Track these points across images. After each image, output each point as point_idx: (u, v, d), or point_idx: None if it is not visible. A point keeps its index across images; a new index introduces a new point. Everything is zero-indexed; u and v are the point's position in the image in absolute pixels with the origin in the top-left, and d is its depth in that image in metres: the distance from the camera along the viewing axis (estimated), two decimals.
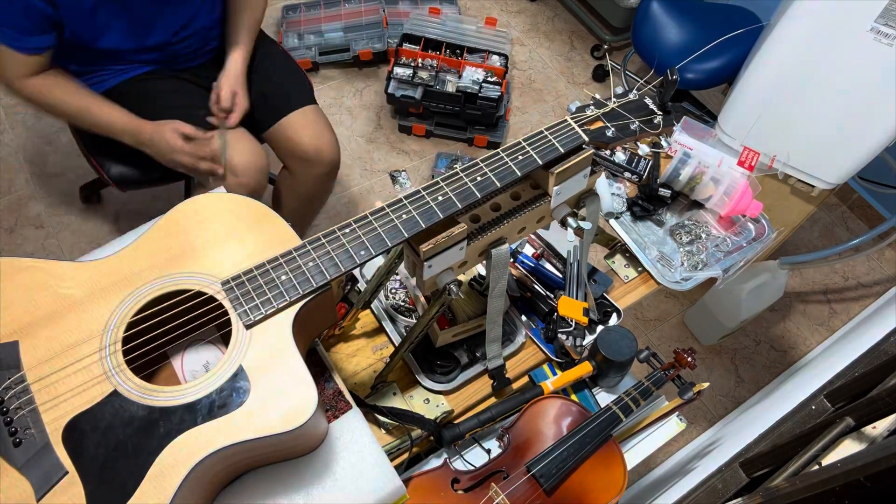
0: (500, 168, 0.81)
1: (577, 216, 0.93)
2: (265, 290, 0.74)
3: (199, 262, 0.77)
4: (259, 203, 0.82)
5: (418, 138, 2.43)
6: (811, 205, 1.76)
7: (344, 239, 0.76)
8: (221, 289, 0.74)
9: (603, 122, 0.87)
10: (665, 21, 2.11)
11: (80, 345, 0.71)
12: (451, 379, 1.04)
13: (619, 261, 1.24)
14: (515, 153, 0.82)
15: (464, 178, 0.80)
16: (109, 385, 0.69)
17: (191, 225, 0.79)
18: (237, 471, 0.77)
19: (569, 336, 1.06)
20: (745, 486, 0.89)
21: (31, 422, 0.66)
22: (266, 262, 0.75)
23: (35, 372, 0.69)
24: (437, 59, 2.32)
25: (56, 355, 0.70)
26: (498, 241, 0.87)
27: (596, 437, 0.96)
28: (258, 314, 0.73)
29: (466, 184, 0.79)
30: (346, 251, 0.76)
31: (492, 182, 0.80)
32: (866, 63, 1.39)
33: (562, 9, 2.95)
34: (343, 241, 0.76)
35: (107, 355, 0.71)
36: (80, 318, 0.72)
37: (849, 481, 0.57)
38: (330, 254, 0.76)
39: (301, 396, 0.70)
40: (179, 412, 0.68)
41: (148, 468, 0.65)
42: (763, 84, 1.56)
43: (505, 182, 0.81)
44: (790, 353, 2.18)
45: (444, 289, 0.84)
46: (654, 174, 1.24)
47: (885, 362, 0.85)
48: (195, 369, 0.80)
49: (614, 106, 0.89)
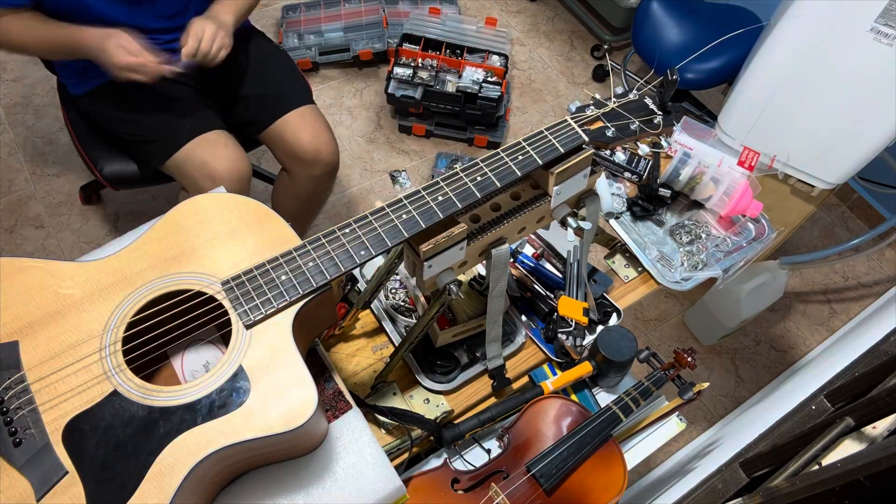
0: (500, 168, 0.81)
1: (577, 216, 0.93)
2: (265, 290, 0.74)
3: (199, 262, 0.77)
4: (259, 203, 0.82)
5: (418, 138, 2.43)
6: (811, 205, 1.76)
7: (344, 239, 0.76)
8: (221, 289, 0.74)
9: (603, 122, 0.87)
10: (665, 21, 2.11)
11: (80, 345, 0.71)
12: (451, 379, 1.04)
13: (619, 261, 1.24)
14: (515, 153, 0.82)
15: (464, 178, 0.80)
16: (109, 385, 0.69)
17: (191, 225, 0.79)
18: (237, 471, 0.77)
19: (569, 336, 1.06)
20: (745, 486, 0.89)
21: (31, 422, 0.66)
22: (266, 262, 0.75)
23: (35, 372, 0.69)
24: (437, 59, 2.32)
25: (56, 355, 0.70)
26: (498, 241, 0.87)
27: (596, 437, 0.96)
28: (258, 314, 0.73)
29: (466, 184, 0.79)
30: (346, 251, 0.76)
31: (492, 182, 0.80)
32: (866, 63, 1.39)
33: (562, 9, 2.95)
34: (343, 241, 0.76)
35: (107, 355, 0.71)
36: (80, 318, 0.72)
37: (849, 481, 0.57)
38: (330, 254, 0.75)
39: (301, 397, 0.70)
40: (179, 412, 0.68)
41: (148, 468, 0.65)
42: (763, 84, 1.56)
43: (505, 182, 0.81)
44: (790, 353, 2.18)
45: (444, 289, 0.84)
46: (654, 174, 1.24)
47: (885, 362, 0.85)
48: (195, 369, 0.80)
49: (614, 106, 0.89)
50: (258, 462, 0.78)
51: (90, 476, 0.64)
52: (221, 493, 0.77)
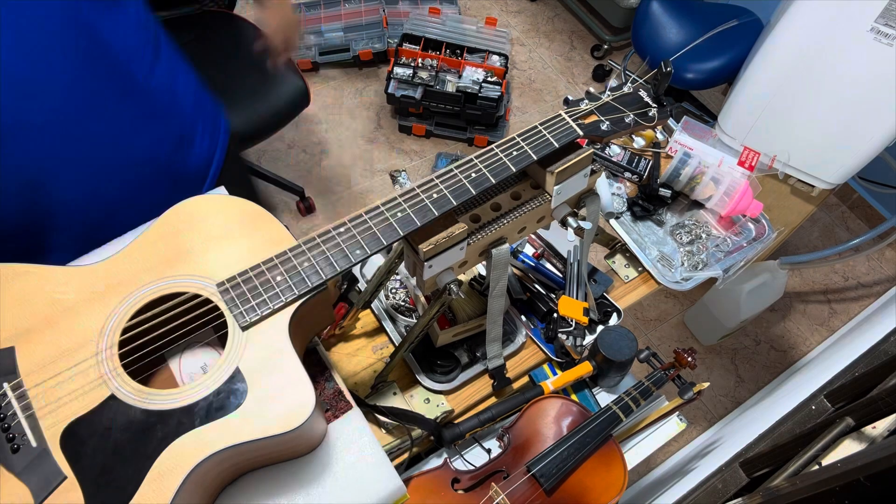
0: (495, 164, 0.81)
1: (578, 216, 0.93)
2: (261, 290, 0.73)
3: (195, 264, 0.76)
4: (253, 204, 0.82)
5: (418, 138, 2.43)
6: (811, 205, 1.76)
7: (339, 238, 0.76)
8: (217, 290, 0.74)
9: (597, 115, 0.87)
10: (665, 21, 2.11)
11: (76, 350, 0.70)
12: (451, 379, 1.04)
13: (619, 261, 1.24)
14: (509, 148, 0.82)
15: (458, 174, 0.80)
16: (107, 389, 0.68)
17: (185, 227, 0.79)
18: (237, 472, 0.77)
19: (569, 336, 1.06)
20: (745, 486, 0.89)
21: (29, 427, 0.66)
22: (261, 263, 0.75)
23: (32, 378, 0.68)
24: (437, 59, 2.32)
25: (52, 360, 0.69)
26: (498, 241, 0.87)
27: (596, 437, 0.96)
28: (254, 315, 0.72)
29: (461, 180, 0.79)
30: (341, 251, 0.75)
31: (486, 178, 0.80)
32: (866, 63, 1.39)
33: (562, 9, 2.95)
34: (338, 241, 0.76)
35: (103, 359, 0.70)
36: (75, 323, 0.72)
37: (849, 481, 0.57)
38: (325, 253, 0.75)
39: (298, 397, 0.69)
40: (177, 415, 0.68)
41: (146, 472, 0.65)
42: (763, 84, 1.56)
43: (500, 178, 0.80)
44: (790, 353, 2.18)
45: (445, 289, 0.84)
46: (654, 174, 1.24)
47: (885, 362, 0.85)
48: (193, 371, 0.80)
49: (608, 99, 0.89)
50: (258, 463, 0.78)
51: (89, 481, 0.64)
52: (221, 493, 0.77)
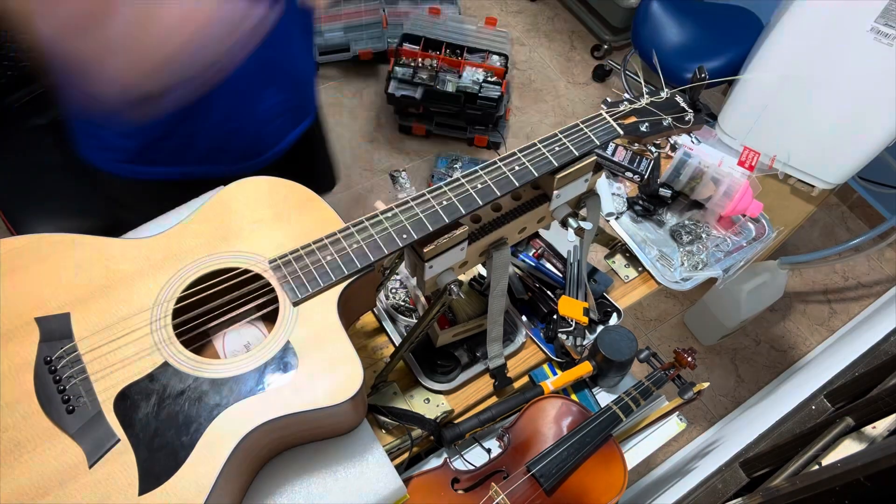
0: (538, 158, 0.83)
1: (578, 216, 0.94)
2: (311, 269, 0.75)
3: (247, 241, 0.79)
4: (304, 187, 0.84)
5: (418, 138, 2.43)
6: (811, 205, 1.76)
7: (387, 223, 0.78)
8: (269, 267, 0.76)
9: (636, 117, 0.89)
10: (665, 21, 2.11)
11: (131, 317, 0.72)
12: (452, 379, 1.04)
13: (619, 261, 1.24)
14: (552, 144, 0.84)
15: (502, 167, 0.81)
16: (160, 356, 0.70)
17: (238, 206, 0.81)
18: (282, 446, 0.79)
19: (569, 336, 1.06)
20: (745, 486, 0.89)
21: (84, 390, 0.67)
22: (312, 243, 0.77)
23: (87, 342, 0.70)
24: (437, 59, 2.32)
25: (107, 327, 0.71)
26: (499, 242, 0.87)
27: (596, 437, 0.96)
28: (305, 292, 0.74)
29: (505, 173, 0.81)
30: (388, 234, 0.77)
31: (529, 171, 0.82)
32: (866, 63, 1.39)
33: (562, 9, 2.95)
34: (386, 225, 0.77)
35: (158, 328, 0.71)
36: (130, 292, 0.73)
37: (849, 481, 0.57)
38: (373, 236, 0.77)
39: (347, 372, 0.71)
40: (229, 384, 0.69)
41: (198, 438, 0.66)
42: (763, 84, 1.56)
43: (542, 171, 0.82)
44: (790, 353, 2.18)
45: (445, 289, 0.84)
46: (654, 174, 1.24)
47: (885, 362, 0.85)
48: (236, 349, 0.81)
49: (645, 104, 0.90)
50: (302, 438, 0.80)
51: (141, 444, 0.65)
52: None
